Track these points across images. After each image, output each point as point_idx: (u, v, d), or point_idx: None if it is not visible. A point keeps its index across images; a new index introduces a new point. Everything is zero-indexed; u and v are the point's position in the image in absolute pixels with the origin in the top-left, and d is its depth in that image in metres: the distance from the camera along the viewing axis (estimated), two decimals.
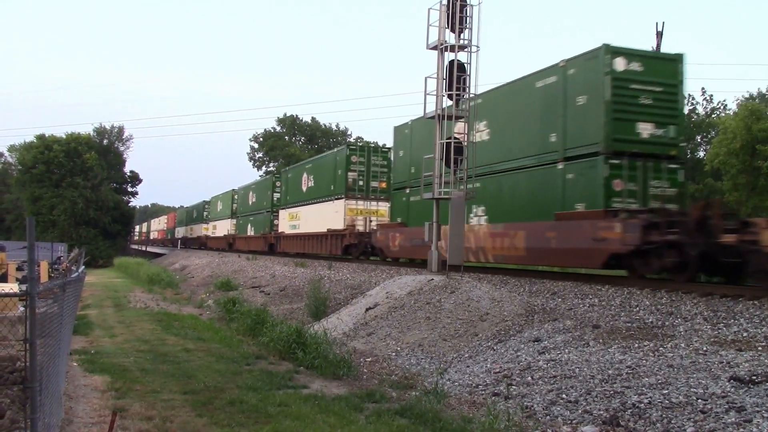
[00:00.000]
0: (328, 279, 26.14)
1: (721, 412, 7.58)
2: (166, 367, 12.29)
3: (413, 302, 16.28)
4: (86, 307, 23.23)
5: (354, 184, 34.13)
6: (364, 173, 34.38)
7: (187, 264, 54.19)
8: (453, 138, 18.98)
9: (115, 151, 76.22)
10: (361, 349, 14.27)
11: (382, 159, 34.92)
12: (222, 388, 10.57)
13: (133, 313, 21.86)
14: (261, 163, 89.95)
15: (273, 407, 9.36)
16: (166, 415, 8.86)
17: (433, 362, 12.93)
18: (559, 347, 11.77)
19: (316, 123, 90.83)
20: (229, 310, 20.35)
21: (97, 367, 12.14)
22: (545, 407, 8.98)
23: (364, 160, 34.32)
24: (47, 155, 64.82)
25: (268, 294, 27.26)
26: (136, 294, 29.45)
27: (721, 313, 12.29)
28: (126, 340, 15.73)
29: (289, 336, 13.77)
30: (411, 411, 9.13)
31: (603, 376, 9.63)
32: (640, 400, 8.36)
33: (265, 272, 34.78)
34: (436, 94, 19.42)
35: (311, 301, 20.48)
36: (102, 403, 9.58)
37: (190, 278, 42.45)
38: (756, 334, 10.77)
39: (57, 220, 63.82)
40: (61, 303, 7.91)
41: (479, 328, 14.43)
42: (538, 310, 15.09)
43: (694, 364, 9.44)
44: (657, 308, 13.46)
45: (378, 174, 34.68)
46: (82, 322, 18.11)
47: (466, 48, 19.10)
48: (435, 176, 19.50)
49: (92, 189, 65.44)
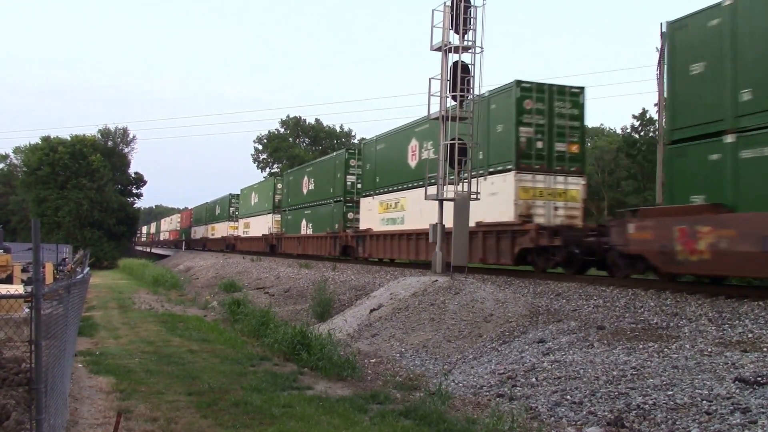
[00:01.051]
0: (333, 280, 26.16)
1: (726, 413, 7.56)
2: (170, 369, 12.31)
3: (417, 303, 16.28)
4: (91, 308, 23.28)
5: (529, 147, 21.02)
6: (544, 130, 21.23)
7: (192, 265, 54.28)
8: (457, 139, 18.93)
9: (119, 152, 76.49)
10: (365, 351, 14.28)
11: (572, 106, 21.59)
12: (227, 389, 10.58)
13: (138, 314, 21.89)
14: (265, 164, 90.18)
15: (277, 408, 9.37)
16: (171, 416, 8.88)
17: (438, 363, 12.93)
18: (564, 348, 11.76)
19: (319, 124, 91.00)
20: (234, 312, 20.36)
21: (102, 369, 12.16)
22: (550, 408, 8.97)
23: (544, 107, 21.21)
24: (52, 157, 65.05)
25: (273, 295, 27.30)
26: (141, 295, 29.50)
27: (726, 314, 12.26)
28: (131, 342, 15.76)
29: (293, 337, 13.78)
30: (415, 412, 9.13)
31: (607, 377, 9.62)
32: (644, 401, 8.35)
33: (269, 273, 34.84)
34: (440, 95, 19.42)
35: (316, 302, 20.49)
36: (107, 404, 9.60)
37: (195, 279, 42.51)
38: (761, 335, 10.74)
39: (62, 221, 64.01)
40: (66, 304, 7.92)
41: (483, 329, 14.42)
42: (543, 311, 15.08)
43: (699, 365, 9.42)
44: (662, 309, 13.44)
45: (565, 131, 21.53)
46: (87, 324, 18.14)
47: (470, 49, 19.10)
48: (439, 177, 19.49)
49: (97, 190, 65.61)
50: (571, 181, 21.39)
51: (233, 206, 65.01)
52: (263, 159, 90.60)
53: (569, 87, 21.63)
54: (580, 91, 21.81)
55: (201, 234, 79.04)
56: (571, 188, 21.36)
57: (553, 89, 21.38)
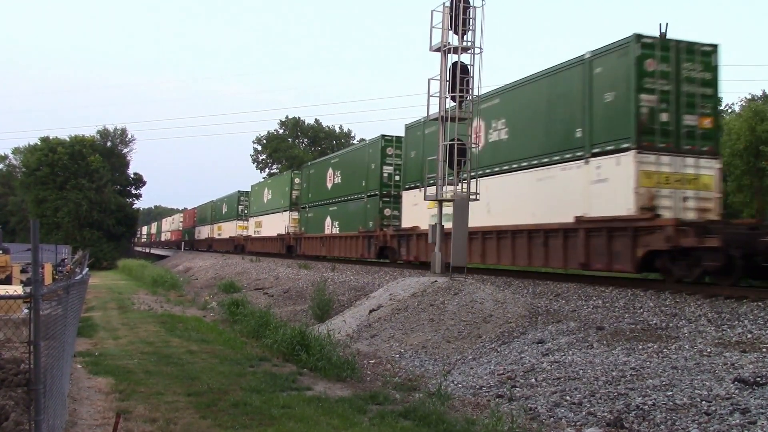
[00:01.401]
0: (332, 281, 26.16)
1: (725, 413, 7.56)
2: (170, 369, 12.30)
3: (417, 304, 16.27)
4: (90, 309, 23.26)
5: (652, 121, 16.75)
6: (670, 98, 16.98)
7: (191, 266, 54.27)
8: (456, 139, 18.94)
9: (118, 153, 76.49)
10: (364, 351, 14.27)
11: (703, 69, 17.45)
12: (226, 389, 10.57)
13: (137, 315, 21.87)
14: (264, 165, 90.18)
15: (277, 409, 9.37)
16: (170, 417, 8.87)
17: (437, 364, 12.93)
18: (563, 349, 11.77)
19: (319, 125, 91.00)
20: (233, 312, 20.35)
21: (101, 369, 12.15)
22: (549, 409, 8.97)
23: (670, 69, 17.04)
24: (51, 157, 65.05)
25: (272, 296, 27.30)
26: (140, 296, 29.48)
27: (725, 314, 12.27)
28: (130, 342, 15.74)
29: (292, 338, 13.77)
30: (415, 413, 9.13)
31: (607, 377, 9.62)
32: (644, 402, 8.35)
33: (268, 274, 34.84)
34: (439, 96, 19.42)
35: (315, 303, 20.48)
36: (106, 405, 9.59)
37: (194, 280, 42.50)
38: (760, 335, 10.75)
39: (61, 222, 64.01)
40: (65, 305, 7.92)
41: (483, 329, 14.42)
42: (542, 311, 15.08)
43: (699, 365, 9.42)
44: (661, 310, 13.45)
45: (696, 101, 17.28)
46: (86, 324, 18.12)
47: (469, 50, 19.10)
48: (438, 177, 19.49)
49: (96, 191, 65.60)
50: (704, 164, 17.06)
51: (242, 204, 60.72)
52: (262, 160, 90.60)
53: (700, 44, 17.47)
54: (713, 50, 17.53)
55: (206, 234, 76.00)
56: (704, 173, 17.02)
57: (681, 47, 17.17)
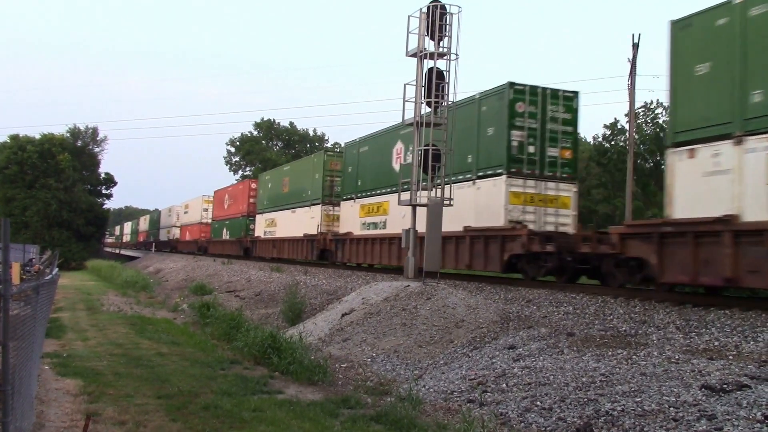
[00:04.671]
0: (304, 284, 26.09)
1: (692, 419, 7.67)
2: (139, 371, 12.18)
3: (389, 308, 16.29)
4: (59, 309, 22.95)
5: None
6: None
7: (161, 267, 53.77)
8: (431, 145, 19.05)
9: (89, 152, 75.45)
10: (336, 355, 14.26)
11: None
12: (196, 392, 10.49)
13: (107, 316, 21.64)
14: (238, 167, 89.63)
15: (248, 412, 9.32)
16: (140, 420, 8.78)
17: (409, 368, 12.95)
18: (534, 354, 11.85)
19: (293, 128, 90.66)
20: (204, 315, 20.22)
21: (70, 371, 12.00)
22: (520, 414, 9.03)
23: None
24: (20, 156, 63.99)
25: (243, 299, 27.15)
26: (110, 297, 29.14)
27: (693, 322, 12.45)
28: (99, 344, 15.56)
29: (264, 341, 13.72)
30: (386, 417, 9.14)
31: (577, 383, 9.70)
32: (613, 408, 8.44)
33: (240, 276, 34.64)
34: (414, 101, 19.49)
35: (287, 306, 20.41)
36: (74, 407, 9.48)
37: (165, 282, 42.11)
38: (727, 343, 10.92)
39: (29, 221, 62.97)
40: (34, 305, 7.82)
41: (455, 334, 14.48)
42: (514, 317, 15.18)
43: (667, 372, 9.54)
44: (630, 317, 13.60)
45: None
46: (54, 325, 17.90)
47: (445, 56, 19.21)
48: (413, 183, 19.56)
49: (66, 191, 64.67)
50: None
51: None
52: (236, 162, 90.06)
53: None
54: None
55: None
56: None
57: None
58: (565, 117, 20.93)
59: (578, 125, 21.36)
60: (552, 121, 20.71)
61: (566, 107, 20.97)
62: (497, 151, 20.58)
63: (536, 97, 20.58)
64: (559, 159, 20.75)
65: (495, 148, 20.73)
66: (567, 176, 20.87)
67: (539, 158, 20.53)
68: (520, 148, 20.24)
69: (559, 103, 20.85)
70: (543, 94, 20.68)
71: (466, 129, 21.66)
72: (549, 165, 20.62)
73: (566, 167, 20.89)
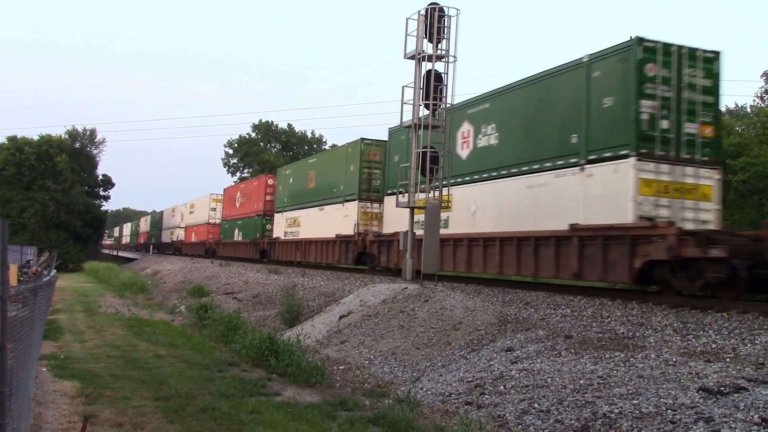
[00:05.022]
0: (302, 286, 26.08)
1: (690, 422, 7.68)
2: (137, 373, 12.17)
3: (387, 310, 16.29)
4: (56, 311, 22.92)
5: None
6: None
7: (159, 269, 53.74)
8: (429, 147, 19.06)
9: (87, 154, 75.36)
10: (334, 357, 14.26)
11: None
12: (194, 394, 10.49)
13: (104, 318, 21.61)
14: (236, 169, 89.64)
15: (245, 414, 9.32)
16: (137, 422, 8.78)
17: (406, 371, 12.95)
18: (532, 357, 11.86)
19: (291, 130, 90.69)
20: (201, 317, 20.21)
21: (67, 373, 11.98)
22: (517, 416, 9.03)
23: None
24: (18, 157, 63.94)
25: (242, 300, 27.14)
26: (107, 299, 29.11)
27: (690, 324, 12.47)
28: (96, 346, 15.55)
29: (261, 343, 13.72)
30: (384, 419, 9.14)
31: (574, 386, 9.71)
32: (610, 410, 8.45)
33: (238, 278, 34.63)
34: (413, 104, 19.50)
35: (284, 308, 20.41)
36: (72, 409, 9.47)
37: (162, 284, 42.08)
38: (724, 345, 10.94)
39: (27, 223, 62.91)
40: (32, 307, 7.81)
41: (452, 337, 14.48)
42: (511, 319, 15.19)
43: (664, 374, 9.55)
44: (628, 319, 13.62)
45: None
46: (51, 327, 17.86)
47: (443, 58, 19.22)
48: (411, 185, 19.56)
49: (63, 192, 64.59)
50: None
51: None
52: (234, 163, 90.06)
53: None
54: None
55: None
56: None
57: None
58: (705, 84, 16.65)
59: (720, 95, 17.14)
60: (689, 88, 16.46)
61: (706, 71, 16.69)
62: (620, 126, 16.31)
63: (670, 58, 16.32)
64: (699, 137, 16.43)
65: (616, 123, 16.47)
66: (708, 159, 16.58)
67: (675, 136, 16.23)
68: (651, 123, 15.97)
69: (697, 65, 16.59)
70: (678, 53, 16.40)
71: (567, 101, 18.09)
72: (686, 145, 16.30)
73: (707, 148, 16.54)
